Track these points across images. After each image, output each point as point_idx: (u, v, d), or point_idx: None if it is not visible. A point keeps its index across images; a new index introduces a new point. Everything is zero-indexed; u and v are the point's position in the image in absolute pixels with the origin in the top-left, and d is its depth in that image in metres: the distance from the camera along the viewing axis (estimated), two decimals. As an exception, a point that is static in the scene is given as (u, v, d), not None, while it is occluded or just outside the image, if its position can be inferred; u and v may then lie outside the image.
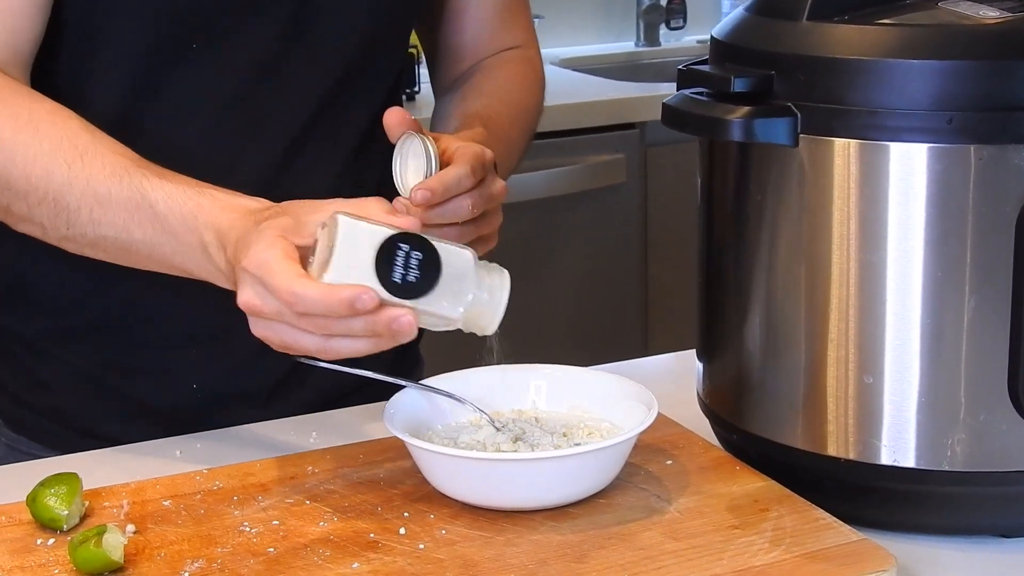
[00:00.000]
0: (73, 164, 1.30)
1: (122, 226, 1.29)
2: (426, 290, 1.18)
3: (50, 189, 1.30)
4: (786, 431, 1.24)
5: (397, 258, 1.17)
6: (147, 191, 1.28)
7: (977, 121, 1.13)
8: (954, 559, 1.21)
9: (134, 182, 1.28)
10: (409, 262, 1.17)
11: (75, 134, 1.31)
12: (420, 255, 1.18)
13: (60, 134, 1.31)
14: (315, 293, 1.15)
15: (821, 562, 1.14)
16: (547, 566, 1.14)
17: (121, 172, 1.29)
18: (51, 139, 1.31)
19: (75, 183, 1.30)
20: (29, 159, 1.31)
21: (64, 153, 1.30)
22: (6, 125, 1.32)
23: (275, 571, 1.14)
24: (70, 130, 1.32)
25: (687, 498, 1.24)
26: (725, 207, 1.28)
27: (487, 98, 1.56)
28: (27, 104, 1.33)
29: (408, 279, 1.17)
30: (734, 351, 1.28)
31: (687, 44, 3.97)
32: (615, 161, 3.28)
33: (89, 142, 1.31)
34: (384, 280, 1.17)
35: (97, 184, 1.29)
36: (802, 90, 1.18)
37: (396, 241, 1.17)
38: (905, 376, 1.18)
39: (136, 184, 1.28)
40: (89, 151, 1.30)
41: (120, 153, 1.31)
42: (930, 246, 1.16)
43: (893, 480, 1.20)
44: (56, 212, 1.31)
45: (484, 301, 1.22)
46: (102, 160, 1.30)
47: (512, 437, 1.29)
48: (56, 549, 1.18)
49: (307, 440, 1.42)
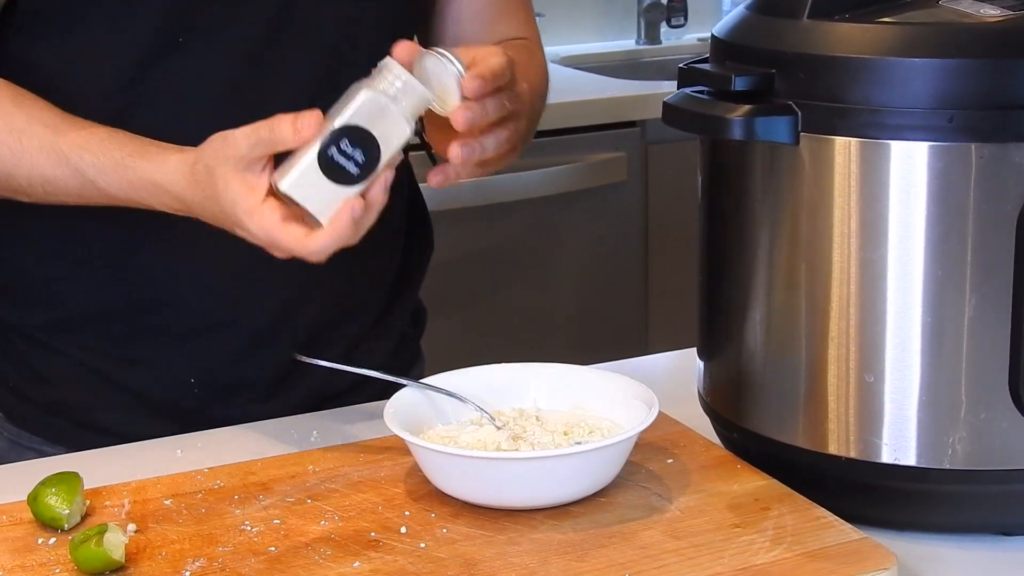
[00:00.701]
0: (14, 148, 1.36)
1: (76, 196, 1.37)
2: (377, 159, 1.25)
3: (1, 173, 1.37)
4: (787, 429, 1.24)
5: (338, 159, 1.24)
6: (85, 171, 1.35)
7: (978, 119, 1.13)
8: (955, 557, 1.21)
9: (72, 164, 1.35)
10: (351, 153, 1.25)
11: (9, 115, 1.37)
12: (351, 140, 1.24)
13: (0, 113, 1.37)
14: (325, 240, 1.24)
15: (822, 560, 1.14)
16: (548, 565, 1.14)
17: (57, 154, 1.35)
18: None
19: (20, 166, 1.37)
20: None
21: (2, 138, 1.36)
22: None
23: (276, 570, 1.14)
24: (4, 111, 1.37)
25: (688, 497, 1.24)
26: (726, 205, 1.28)
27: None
28: None
29: (360, 164, 1.25)
30: (735, 349, 1.28)
31: (688, 42, 3.96)
32: (616, 159, 3.28)
33: (24, 123, 1.36)
34: (348, 183, 1.25)
35: (40, 167, 1.36)
36: (803, 88, 1.18)
37: (325, 150, 1.24)
38: (906, 374, 1.18)
39: (73, 167, 1.35)
40: (26, 131, 1.36)
41: (51, 127, 1.36)
42: (931, 244, 1.16)
43: (894, 478, 1.20)
44: (14, 190, 1.39)
45: (432, 97, 1.28)
46: (39, 142, 1.36)
47: (513, 436, 1.29)
48: (57, 548, 1.18)
49: (308, 439, 1.42)
